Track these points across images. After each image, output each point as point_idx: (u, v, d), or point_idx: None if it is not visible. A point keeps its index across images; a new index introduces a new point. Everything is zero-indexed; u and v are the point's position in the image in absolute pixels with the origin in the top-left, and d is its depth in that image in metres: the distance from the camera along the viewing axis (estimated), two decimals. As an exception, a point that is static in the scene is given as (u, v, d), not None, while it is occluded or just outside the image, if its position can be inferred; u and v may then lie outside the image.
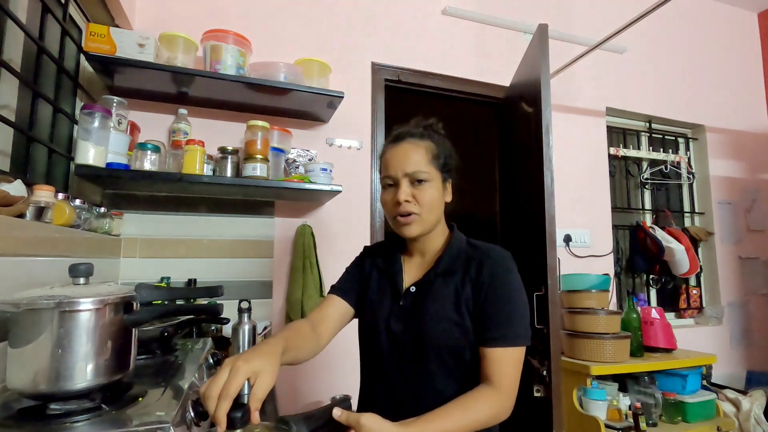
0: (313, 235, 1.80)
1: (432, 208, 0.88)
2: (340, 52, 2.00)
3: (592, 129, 2.53)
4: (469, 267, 0.88)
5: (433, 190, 0.88)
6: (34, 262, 0.92)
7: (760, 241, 2.93)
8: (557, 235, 1.90)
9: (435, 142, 0.91)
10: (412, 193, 0.87)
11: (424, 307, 0.87)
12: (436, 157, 0.90)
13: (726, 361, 2.64)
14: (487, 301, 0.84)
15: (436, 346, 0.84)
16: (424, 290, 0.89)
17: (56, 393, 0.63)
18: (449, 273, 0.89)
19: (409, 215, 0.87)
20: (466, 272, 0.87)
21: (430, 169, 0.88)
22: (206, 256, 1.70)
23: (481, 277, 0.85)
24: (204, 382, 0.90)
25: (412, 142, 0.90)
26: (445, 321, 0.84)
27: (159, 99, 1.67)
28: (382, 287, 0.95)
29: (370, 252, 1.05)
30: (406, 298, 0.90)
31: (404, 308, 0.90)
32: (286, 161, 1.76)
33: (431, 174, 0.88)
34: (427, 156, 0.88)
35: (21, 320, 0.63)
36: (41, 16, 1.25)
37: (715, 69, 2.98)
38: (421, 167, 0.87)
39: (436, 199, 0.88)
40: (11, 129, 1.11)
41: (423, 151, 0.88)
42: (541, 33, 1.66)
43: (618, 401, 1.88)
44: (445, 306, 0.85)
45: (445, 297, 0.86)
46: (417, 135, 0.91)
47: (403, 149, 0.89)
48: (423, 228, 0.89)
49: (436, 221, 0.91)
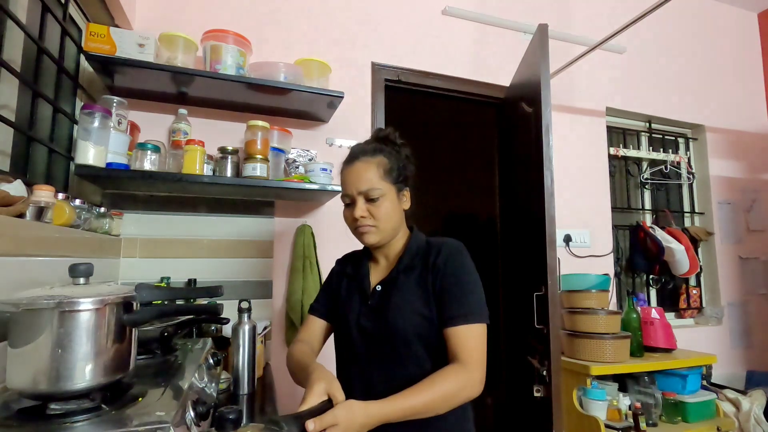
0: (313, 235, 1.81)
1: (388, 219, 0.94)
2: (340, 52, 2.00)
3: (592, 129, 2.53)
4: (426, 260, 0.94)
5: (387, 203, 0.93)
6: (34, 262, 0.92)
7: (760, 241, 2.93)
8: (557, 235, 1.90)
9: (387, 155, 0.96)
10: (368, 209, 0.93)
11: (390, 302, 0.92)
12: (388, 172, 0.95)
13: (726, 361, 2.64)
14: (443, 286, 0.90)
15: (405, 336, 0.89)
16: (389, 287, 0.95)
17: (56, 393, 0.63)
18: (410, 268, 0.95)
19: (366, 227, 0.93)
20: (424, 265, 0.94)
21: (382, 184, 0.93)
22: (206, 256, 1.70)
23: (437, 265, 0.92)
24: (204, 381, 0.91)
25: (364, 160, 0.95)
26: (411, 311, 0.90)
27: (159, 99, 1.67)
28: (351, 291, 1.01)
29: (340, 262, 1.13)
30: (374, 297, 0.96)
31: (372, 307, 0.95)
32: (286, 161, 1.76)
33: (384, 188, 0.93)
34: (379, 172, 0.93)
35: (21, 320, 0.63)
36: (41, 16, 1.25)
37: (715, 69, 2.98)
38: (373, 185, 0.92)
39: (391, 210, 0.94)
40: (11, 129, 1.11)
41: (374, 168, 0.93)
42: (541, 33, 1.66)
43: (618, 401, 1.88)
44: (409, 298, 0.91)
45: (409, 290, 0.92)
46: (369, 152, 0.96)
47: (356, 169, 0.94)
48: (381, 237, 0.95)
49: (394, 229, 0.97)
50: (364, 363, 0.93)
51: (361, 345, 0.94)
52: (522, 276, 1.84)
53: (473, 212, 2.95)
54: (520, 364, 1.81)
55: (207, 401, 0.78)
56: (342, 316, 0.99)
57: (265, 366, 1.57)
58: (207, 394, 0.89)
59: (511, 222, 2.11)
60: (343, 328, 0.99)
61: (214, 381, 1.02)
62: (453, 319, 0.87)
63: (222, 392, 1.20)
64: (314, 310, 1.08)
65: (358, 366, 0.94)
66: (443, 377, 0.81)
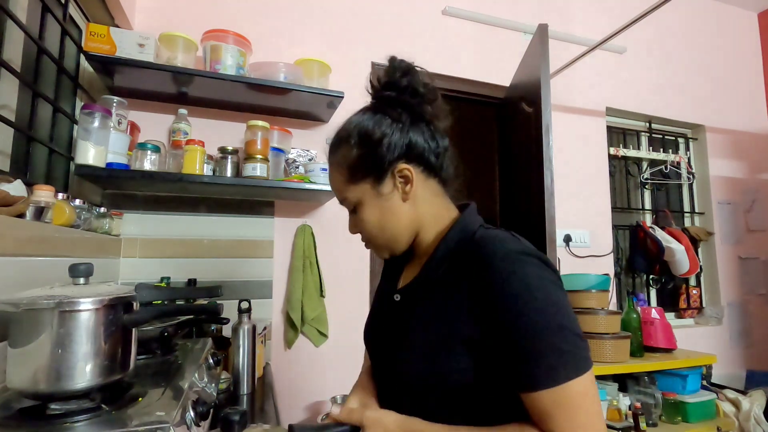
0: (313, 235, 1.81)
1: (379, 228, 0.68)
2: (340, 52, 2.00)
3: (592, 129, 2.53)
4: (461, 272, 0.60)
5: (366, 212, 0.68)
6: (34, 262, 0.92)
7: (760, 241, 2.93)
8: (557, 235, 1.90)
9: (350, 140, 0.68)
10: (355, 222, 0.72)
11: (399, 327, 0.66)
12: (354, 166, 0.67)
13: (726, 361, 2.64)
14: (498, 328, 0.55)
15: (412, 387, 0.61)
16: (408, 303, 0.68)
17: (56, 393, 0.63)
18: (435, 279, 0.64)
19: (366, 243, 0.73)
20: (457, 281, 0.60)
21: (350, 189, 0.68)
22: (206, 256, 1.70)
23: (479, 290, 0.56)
24: (204, 381, 0.91)
25: (330, 162, 0.72)
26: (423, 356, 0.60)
27: (159, 99, 1.67)
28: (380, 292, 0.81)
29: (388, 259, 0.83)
30: (390, 308, 0.71)
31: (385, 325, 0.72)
32: (286, 161, 1.76)
33: (355, 194, 0.67)
34: (344, 173, 0.68)
35: (21, 320, 0.63)
36: (41, 16, 1.25)
37: (715, 69, 2.98)
38: (342, 194, 0.69)
39: (375, 219, 0.67)
40: (11, 129, 1.11)
41: (336, 172, 0.69)
42: (541, 33, 1.66)
43: (618, 401, 1.88)
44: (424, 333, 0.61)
45: (426, 317, 0.62)
46: (333, 147, 0.71)
47: (329, 176, 0.72)
48: (390, 251, 0.70)
49: (400, 236, 0.68)
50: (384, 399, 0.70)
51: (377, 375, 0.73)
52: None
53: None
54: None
55: (207, 401, 0.78)
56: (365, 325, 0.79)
57: (265, 366, 1.57)
58: (207, 394, 0.89)
59: (511, 222, 2.11)
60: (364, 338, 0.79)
61: (214, 381, 1.02)
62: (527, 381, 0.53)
63: (222, 392, 1.20)
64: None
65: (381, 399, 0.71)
66: None
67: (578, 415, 0.53)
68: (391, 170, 0.66)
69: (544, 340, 0.53)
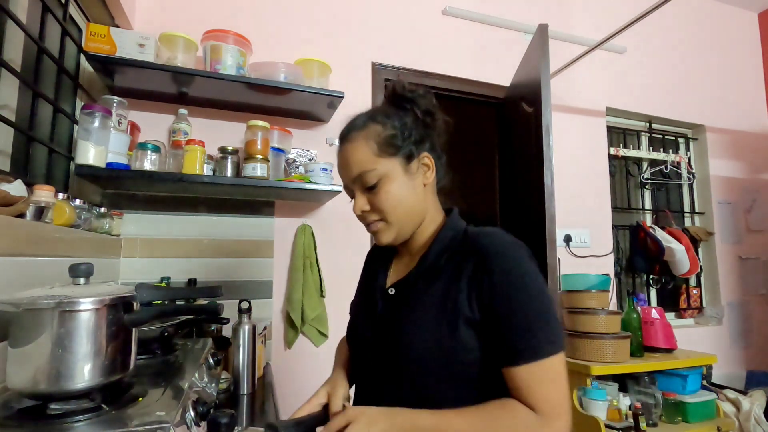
0: (314, 235, 1.81)
1: (397, 205, 0.70)
2: (340, 52, 2.00)
3: (592, 129, 2.53)
4: (461, 263, 0.67)
5: (391, 186, 0.70)
6: (34, 262, 0.92)
7: (760, 241, 2.93)
8: (557, 235, 1.90)
9: (384, 120, 0.72)
10: (369, 200, 0.72)
11: (401, 316, 0.70)
12: (387, 142, 0.70)
13: (726, 361, 2.64)
14: (495, 308, 0.63)
15: (415, 366, 0.66)
16: (405, 293, 0.72)
17: (56, 393, 0.63)
18: (434, 271, 0.70)
19: (373, 223, 0.73)
20: (457, 270, 0.67)
21: (378, 162, 0.70)
22: (206, 256, 1.70)
23: (480, 276, 0.64)
24: (204, 381, 0.91)
25: (351, 138, 0.73)
26: (427, 335, 0.65)
27: (159, 99, 1.67)
28: (366, 289, 0.85)
29: (371, 253, 0.93)
30: (385, 301, 0.75)
31: (381, 315, 0.74)
32: (286, 161, 1.76)
33: (381, 167, 0.70)
34: (373, 147, 0.70)
35: (21, 320, 0.63)
36: (41, 16, 1.25)
37: (715, 69, 2.98)
38: (365, 167, 0.70)
39: (399, 193, 0.70)
40: (11, 129, 1.11)
41: (365, 145, 0.71)
42: (542, 33, 1.67)
43: (618, 401, 1.88)
44: (426, 315, 0.67)
45: (428, 303, 0.68)
46: (359, 125, 0.74)
47: (344, 153, 0.73)
48: (396, 232, 0.72)
49: (415, 215, 0.73)
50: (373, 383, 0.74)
51: (369, 361, 0.75)
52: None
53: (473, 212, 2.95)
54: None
55: (207, 401, 0.78)
56: (351, 318, 0.85)
57: (265, 366, 1.57)
58: (207, 394, 0.89)
59: (512, 222, 2.11)
60: (351, 334, 0.83)
61: (214, 381, 1.02)
62: (515, 355, 0.61)
63: (222, 392, 1.20)
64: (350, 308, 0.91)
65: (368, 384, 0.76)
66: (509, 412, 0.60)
67: (552, 391, 0.60)
68: (419, 155, 0.73)
69: (532, 320, 0.62)
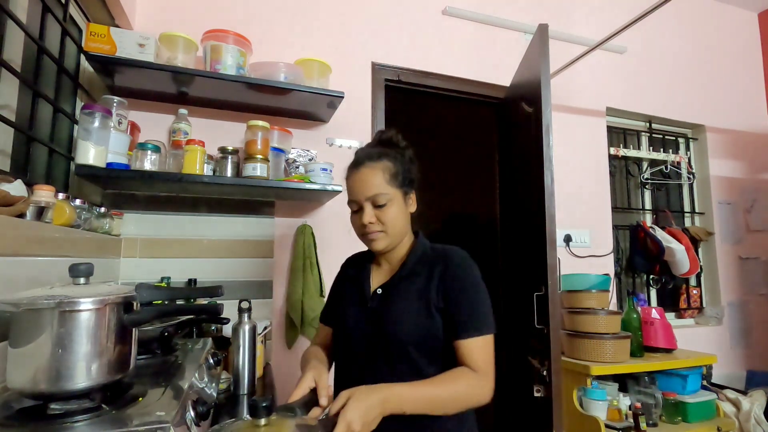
0: (314, 235, 1.81)
1: (395, 224, 0.94)
2: (340, 52, 2.00)
3: (592, 129, 2.53)
4: (432, 268, 0.94)
5: (394, 208, 0.93)
6: (34, 262, 0.92)
7: (760, 241, 2.93)
8: (557, 235, 1.90)
9: (392, 159, 0.96)
10: (375, 215, 0.93)
11: (390, 307, 0.92)
12: (394, 176, 0.94)
13: (726, 361, 2.64)
14: (452, 298, 0.90)
15: (402, 342, 0.88)
16: (390, 291, 0.95)
17: (56, 393, 0.63)
18: (413, 275, 0.95)
19: (375, 233, 0.93)
20: (429, 273, 0.93)
21: (388, 189, 0.93)
22: (206, 256, 1.70)
23: (445, 277, 0.92)
24: (204, 381, 0.91)
25: (369, 166, 0.94)
26: (411, 319, 0.89)
27: (159, 99, 1.67)
28: (352, 294, 1.02)
29: (345, 266, 1.14)
30: (374, 300, 0.96)
31: (372, 310, 0.95)
32: (287, 161, 1.76)
33: (391, 194, 0.93)
34: (385, 177, 0.93)
35: (21, 320, 0.63)
36: (41, 16, 1.25)
37: (715, 69, 2.98)
38: (380, 190, 0.92)
39: (398, 215, 0.94)
40: (11, 129, 1.11)
41: (380, 174, 0.93)
42: (542, 33, 1.66)
43: (618, 401, 1.88)
44: (410, 305, 0.91)
45: (410, 297, 0.92)
46: (374, 156, 0.95)
47: (362, 175, 0.94)
48: (390, 242, 0.95)
49: (402, 234, 0.97)
50: (361, 366, 0.93)
51: (359, 348, 0.94)
52: (522, 276, 1.84)
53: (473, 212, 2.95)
54: (520, 364, 1.81)
55: (207, 401, 0.78)
56: (341, 317, 1.00)
57: (265, 366, 1.57)
58: (207, 394, 0.89)
59: (512, 222, 2.11)
60: (341, 330, 1.00)
61: (214, 381, 1.02)
62: (464, 331, 0.87)
63: (222, 392, 1.20)
64: (323, 317, 1.11)
65: (356, 369, 0.94)
66: (459, 376, 0.83)
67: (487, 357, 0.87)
68: (410, 192, 0.99)
69: (476, 308, 0.89)
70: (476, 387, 0.83)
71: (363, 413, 0.68)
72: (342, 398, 0.70)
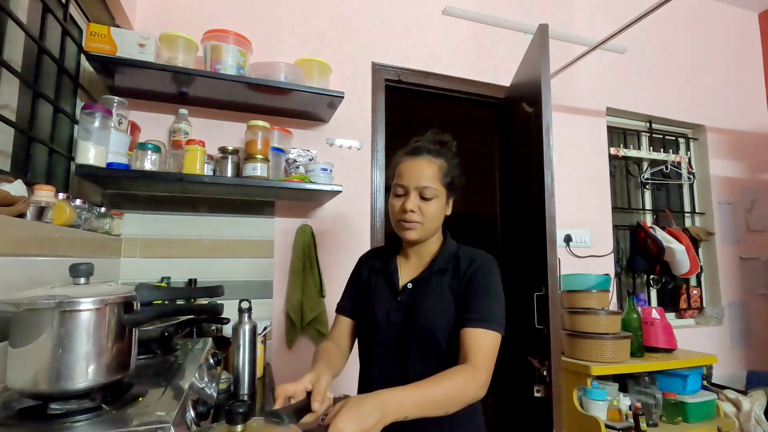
0: (314, 235, 1.81)
1: (433, 219, 0.97)
2: (340, 52, 2.00)
3: (592, 129, 2.53)
4: (458, 266, 0.98)
5: (437, 204, 0.97)
6: (34, 262, 0.92)
7: (760, 242, 2.93)
8: (557, 235, 1.90)
9: (448, 161, 1.00)
10: (419, 205, 0.96)
11: (422, 301, 0.96)
12: (445, 176, 0.98)
13: (726, 362, 2.63)
14: (470, 291, 0.94)
15: (435, 334, 0.92)
16: (422, 285, 0.98)
17: (56, 393, 0.63)
18: (442, 271, 0.99)
19: (412, 222, 0.96)
20: (455, 270, 0.98)
21: (438, 186, 0.96)
22: (206, 256, 1.70)
23: (468, 273, 0.96)
24: (204, 381, 0.91)
25: (427, 158, 0.98)
26: (443, 311, 0.94)
27: (159, 99, 1.67)
28: (380, 286, 1.04)
29: (366, 259, 1.14)
30: (404, 294, 0.99)
31: (402, 303, 0.98)
32: (287, 161, 1.76)
33: (438, 191, 0.97)
34: (439, 173, 0.97)
35: (21, 320, 0.63)
36: (42, 16, 1.25)
37: (715, 69, 2.98)
38: (431, 183, 0.95)
39: (438, 212, 0.98)
40: (12, 129, 1.11)
41: (436, 169, 0.97)
42: (542, 33, 1.66)
43: (618, 401, 1.88)
44: (441, 299, 0.95)
45: (441, 291, 0.96)
46: (434, 152, 0.99)
47: (418, 164, 0.97)
48: (422, 235, 0.98)
49: (435, 230, 1.01)
50: (392, 358, 0.96)
51: (391, 340, 0.96)
52: (522, 276, 1.84)
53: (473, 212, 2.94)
54: (520, 364, 1.81)
55: (207, 401, 0.78)
56: (369, 308, 1.01)
57: (265, 366, 1.56)
58: (207, 394, 0.89)
59: (512, 222, 2.11)
60: (370, 321, 1.01)
61: (215, 381, 1.02)
62: (472, 320, 0.89)
63: (222, 392, 1.20)
64: (341, 309, 1.10)
65: (383, 359, 0.97)
66: (453, 373, 0.83)
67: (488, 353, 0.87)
68: (452, 197, 1.03)
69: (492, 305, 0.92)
70: (470, 381, 0.82)
71: (356, 420, 0.63)
72: (337, 407, 0.67)
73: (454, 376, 0.82)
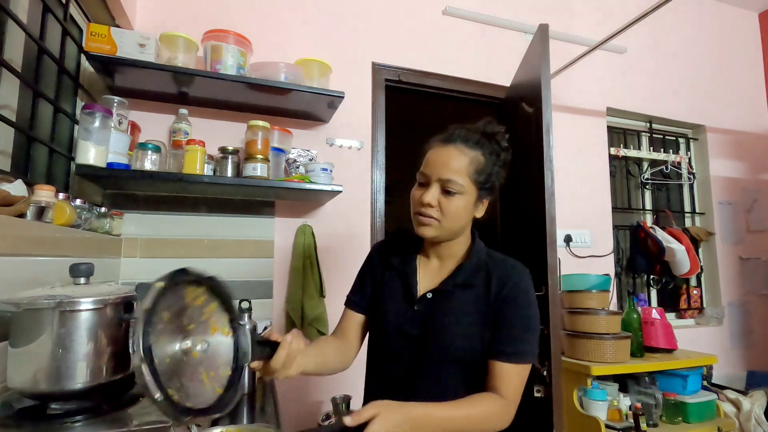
0: (314, 235, 1.81)
1: (455, 219, 0.84)
2: (340, 52, 2.00)
3: (592, 129, 2.53)
4: (488, 281, 0.86)
5: (461, 202, 0.84)
6: (34, 262, 0.92)
7: (760, 242, 2.93)
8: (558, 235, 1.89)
9: (486, 155, 0.85)
10: (439, 200, 0.83)
11: (442, 317, 0.86)
12: (478, 171, 0.84)
13: (726, 362, 2.63)
14: (503, 319, 0.83)
15: (453, 357, 0.84)
16: (443, 299, 0.87)
17: (56, 392, 0.63)
18: (468, 285, 0.87)
19: (429, 218, 0.84)
20: (486, 286, 0.86)
21: (466, 181, 0.83)
22: (206, 256, 1.70)
23: (501, 294, 0.84)
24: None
25: (459, 148, 0.84)
26: (464, 334, 0.84)
27: (159, 99, 1.67)
28: (395, 287, 0.93)
29: (384, 248, 1.01)
30: (422, 304, 0.88)
31: (420, 314, 0.88)
32: (287, 161, 1.76)
33: (465, 187, 0.83)
34: (469, 168, 0.83)
35: (22, 320, 0.63)
36: (42, 16, 1.25)
37: (715, 69, 2.98)
38: (456, 177, 0.82)
39: (461, 211, 0.84)
40: (12, 129, 1.11)
41: (466, 162, 0.83)
42: (542, 33, 1.66)
43: (618, 401, 1.88)
44: (463, 319, 0.85)
45: (464, 310, 0.85)
46: (470, 142, 0.85)
47: (446, 153, 0.84)
48: (439, 234, 0.86)
49: (457, 232, 0.88)
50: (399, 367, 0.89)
51: (403, 349, 0.88)
52: (522, 276, 1.84)
53: (473, 212, 2.95)
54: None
55: (207, 401, 0.78)
56: (381, 312, 0.93)
57: (265, 366, 1.56)
58: (207, 394, 0.88)
59: (512, 222, 2.11)
60: (381, 325, 0.93)
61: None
62: (506, 354, 0.81)
63: (222, 392, 1.20)
64: (351, 302, 1.00)
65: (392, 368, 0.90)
66: (484, 401, 0.79)
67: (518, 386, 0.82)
68: (487, 197, 0.90)
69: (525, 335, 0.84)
70: (501, 415, 0.79)
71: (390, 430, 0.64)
72: (368, 410, 0.65)
73: (485, 406, 0.78)
